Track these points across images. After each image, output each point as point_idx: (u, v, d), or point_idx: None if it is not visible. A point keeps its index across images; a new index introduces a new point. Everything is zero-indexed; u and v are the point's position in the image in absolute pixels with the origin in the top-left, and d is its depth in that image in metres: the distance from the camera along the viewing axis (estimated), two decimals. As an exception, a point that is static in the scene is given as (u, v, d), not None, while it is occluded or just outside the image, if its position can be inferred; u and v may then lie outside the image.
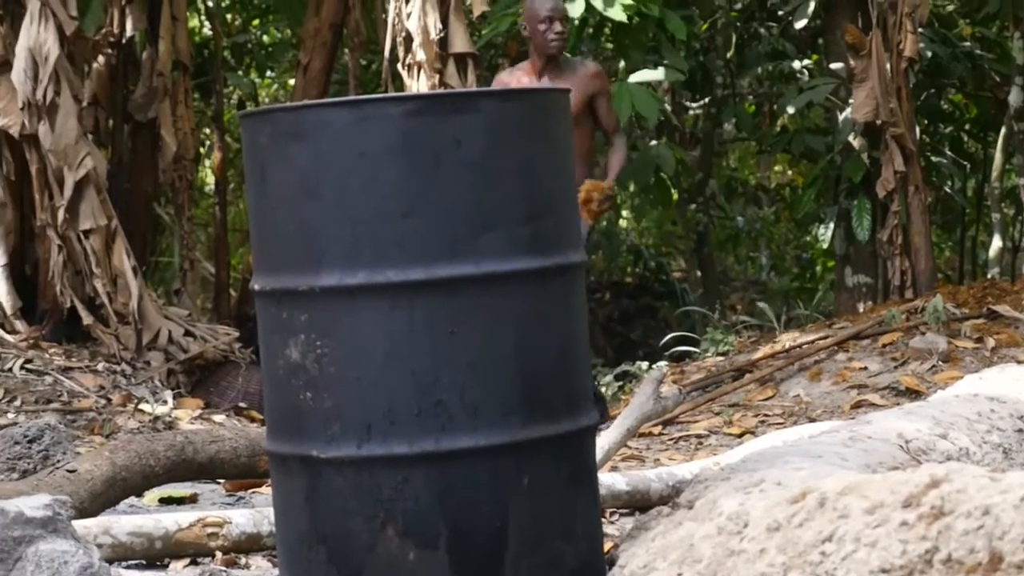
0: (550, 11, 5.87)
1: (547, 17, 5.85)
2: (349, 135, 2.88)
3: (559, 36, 5.87)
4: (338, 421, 2.88)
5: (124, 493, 4.08)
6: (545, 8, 5.87)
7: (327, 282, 2.89)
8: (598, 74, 6.19)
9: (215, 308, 9.81)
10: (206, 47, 11.69)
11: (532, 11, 5.96)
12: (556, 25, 5.84)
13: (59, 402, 6.68)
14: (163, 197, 10.04)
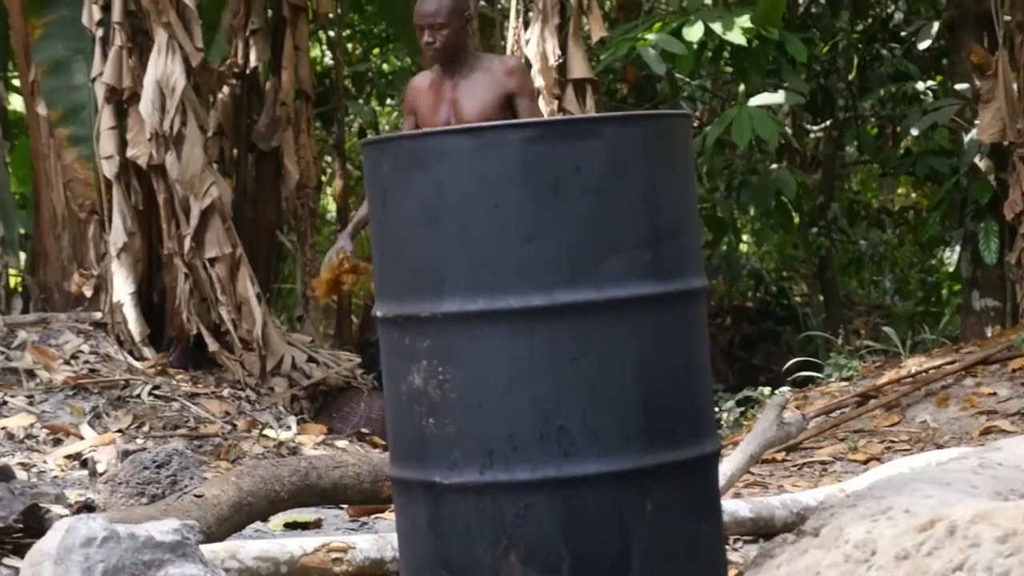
0: (419, 18, 5.14)
1: (417, 25, 5.15)
2: (470, 162, 2.89)
3: (428, 47, 5.14)
4: (460, 447, 2.89)
5: (250, 518, 4.12)
6: (417, 14, 5.16)
7: (448, 308, 2.90)
8: (515, 70, 5.43)
9: (337, 334, 9.90)
10: (328, 76, 11.83)
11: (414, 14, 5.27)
12: (425, 35, 5.12)
13: (186, 428, 6.77)
14: (286, 225, 10.16)
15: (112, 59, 7.61)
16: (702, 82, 11.84)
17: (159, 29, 7.53)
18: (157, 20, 7.54)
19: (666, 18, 9.25)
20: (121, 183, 7.74)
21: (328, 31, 11.54)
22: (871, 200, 14.72)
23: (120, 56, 7.61)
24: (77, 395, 6.85)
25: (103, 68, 7.65)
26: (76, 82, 8.03)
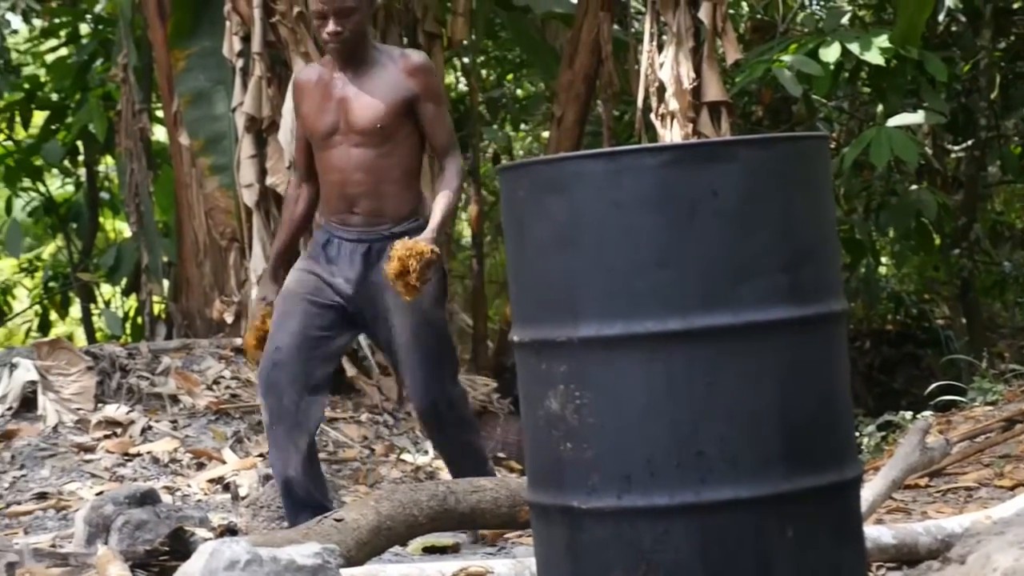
0: (322, 4, 4.48)
1: (317, 12, 4.51)
2: (605, 186, 2.89)
3: (334, 37, 4.48)
4: (598, 472, 2.88)
5: (389, 542, 4.15)
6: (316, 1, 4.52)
7: (585, 333, 2.90)
8: (419, 69, 4.60)
9: (473, 359, 9.94)
10: (462, 102, 11.91)
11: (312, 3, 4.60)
12: (330, 24, 4.46)
13: (325, 452, 6.84)
14: (422, 250, 10.22)
15: (252, 89, 7.74)
16: (839, 103, 11.71)
17: (297, 59, 7.65)
18: (295, 50, 7.65)
19: (802, 39, 9.17)
20: (261, 210, 7.86)
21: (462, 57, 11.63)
22: (1015, 220, 14.43)
23: (259, 86, 7.74)
24: (219, 420, 6.96)
25: (243, 98, 7.78)
26: (217, 112, 8.18)
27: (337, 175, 4.58)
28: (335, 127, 4.54)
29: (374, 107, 4.50)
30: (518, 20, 10.27)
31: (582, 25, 8.99)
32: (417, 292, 4.35)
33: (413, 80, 4.54)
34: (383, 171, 4.58)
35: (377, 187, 4.58)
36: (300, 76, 4.70)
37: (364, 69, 4.54)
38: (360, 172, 4.55)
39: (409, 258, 4.30)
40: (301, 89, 4.62)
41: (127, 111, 8.98)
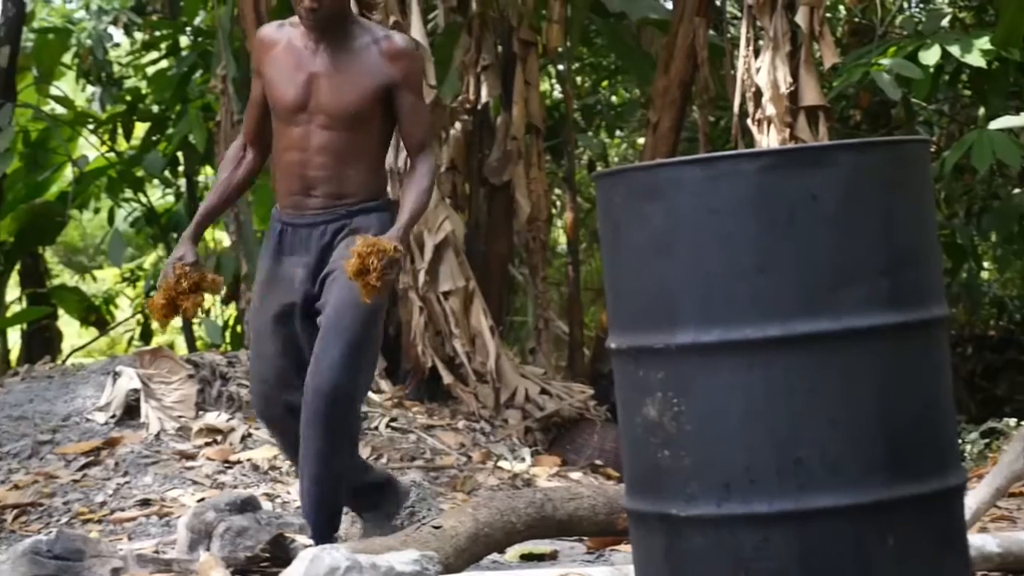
0: None
1: None
2: (703, 192, 2.88)
3: (310, 12, 4.09)
4: (697, 479, 2.87)
5: (487, 549, 4.15)
6: None
7: (683, 340, 2.89)
8: (401, 54, 4.20)
9: (569, 366, 9.93)
10: (557, 109, 11.92)
11: None
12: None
13: (422, 459, 6.87)
14: (517, 258, 10.25)
15: (347, 99, 7.79)
16: (939, 106, 11.57)
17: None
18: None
19: (901, 42, 9.08)
20: (358, 219, 7.91)
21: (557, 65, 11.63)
22: (1120, 224, 14.17)
23: (355, 95, 7.79)
24: (317, 427, 6.99)
25: (340, 107, 7.83)
26: (314, 122, 8.24)
27: (297, 155, 4.22)
28: (302, 103, 4.17)
29: (348, 91, 4.15)
30: (613, 27, 10.26)
31: (678, 31, 8.96)
32: (376, 292, 4.00)
33: (394, 66, 4.17)
34: (348, 156, 4.23)
35: (340, 171, 4.24)
36: (266, 34, 4.25)
37: (342, 46, 4.17)
38: (323, 155, 4.21)
39: (370, 255, 3.96)
40: (266, 49, 4.22)
41: (226, 122, 9.08)
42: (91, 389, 7.32)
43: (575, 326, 10.06)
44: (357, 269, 3.96)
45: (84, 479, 6.32)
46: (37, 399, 7.38)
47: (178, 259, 4.21)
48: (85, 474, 6.39)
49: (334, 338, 4.15)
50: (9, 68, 10.33)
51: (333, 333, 4.14)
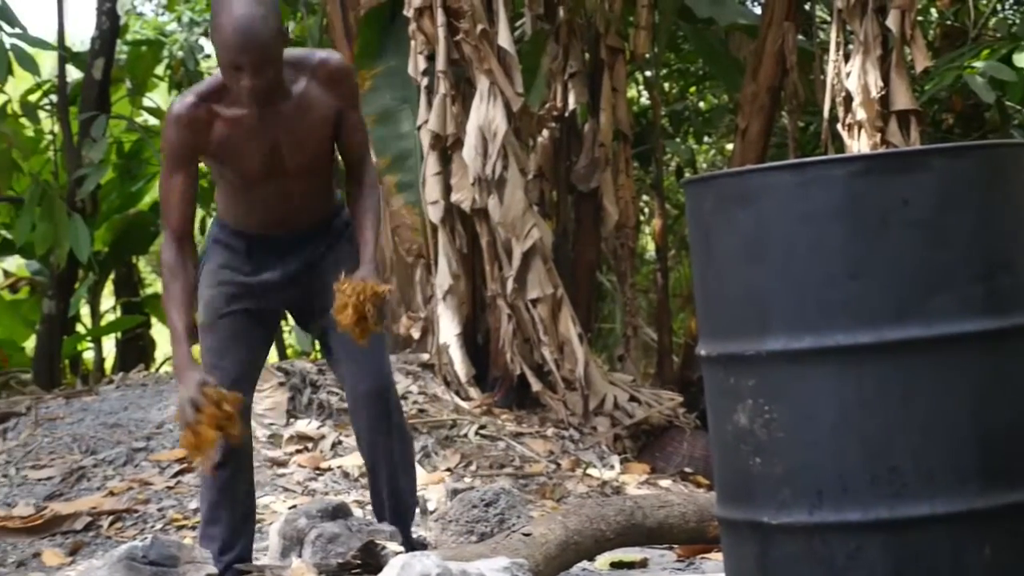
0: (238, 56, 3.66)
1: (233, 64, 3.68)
2: (793, 198, 2.86)
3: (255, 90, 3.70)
4: (788, 487, 2.85)
5: (577, 557, 4.15)
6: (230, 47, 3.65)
7: (773, 347, 2.87)
8: (337, 75, 3.95)
9: (658, 373, 9.89)
10: (644, 116, 11.89)
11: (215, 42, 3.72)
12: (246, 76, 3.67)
13: (511, 467, 6.87)
14: (605, 265, 10.24)
15: (436, 107, 7.83)
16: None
17: (481, 76, 7.71)
18: (479, 67, 7.72)
19: (994, 44, 8.97)
20: (446, 227, 7.94)
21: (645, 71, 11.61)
22: None
23: (444, 104, 7.82)
24: (407, 434, 7.03)
25: (428, 116, 7.87)
26: (403, 130, 8.29)
27: (271, 203, 4.03)
28: (269, 170, 3.94)
29: (309, 141, 3.95)
30: (701, 32, 10.22)
31: (766, 36, 8.91)
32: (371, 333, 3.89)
33: (334, 91, 3.94)
34: (319, 187, 4.10)
35: (314, 202, 4.11)
36: (190, 118, 3.83)
37: (284, 97, 3.88)
38: (294, 199, 4.04)
39: (364, 302, 3.82)
40: (200, 133, 3.83)
41: (315, 131, 9.14)
42: (184, 397, 7.39)
43: (664, 333, 10.03)
44: (354, 319, 3.84)
45: (178, 486, 6.39)
46: (132, 407, 7.48)
47: (202, 383, 3.77)
48: (179, 481, 6.46)
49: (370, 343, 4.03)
50: (103, 80, 10.47)
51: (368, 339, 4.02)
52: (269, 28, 3.64)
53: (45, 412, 7.56)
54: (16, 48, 8.27)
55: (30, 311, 12.43)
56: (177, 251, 3.89)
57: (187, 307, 3.90)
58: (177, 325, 3.84)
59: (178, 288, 3.88)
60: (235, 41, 3.60)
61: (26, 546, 5.73)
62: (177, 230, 3.89)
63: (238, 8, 3.61)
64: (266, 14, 3.64)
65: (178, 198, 3.88)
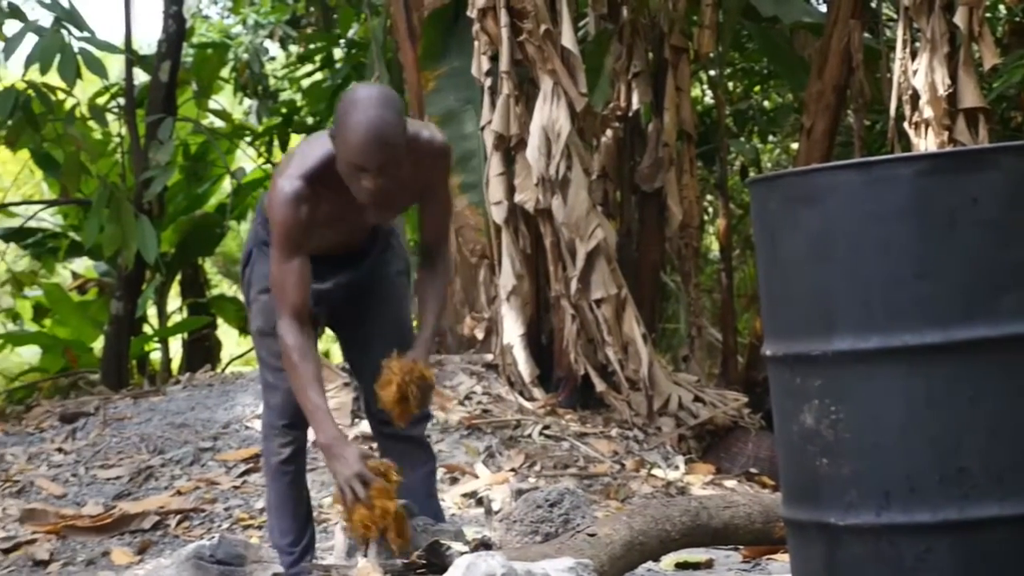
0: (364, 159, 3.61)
1: (358, 166, 3.63)
2: (860, 197, 2.84)
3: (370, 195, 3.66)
4: (856, 488, 2.83)
5: (642, 557, 4.14)
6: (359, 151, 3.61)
7: (840, 347, 2.85)
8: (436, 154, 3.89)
9: (723, 373, 9.86)
10: (708, 115, 11.85)
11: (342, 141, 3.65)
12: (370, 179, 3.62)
13: (576, 467, 6.87)
14: (669, 265, 10.21)
15: (500, 107, 7.84)
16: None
17: (544, 76, 7.72)
18: (543, 67, 7.73)
19: (1063, 41, 8.87)
20: (510, 228, 7.95)
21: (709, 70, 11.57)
22: None
23: (507, 104, 7.83)
24: (471, 435, 7.05)
25: (491, 117, 7.88)
26: (466, 131, 8.31)
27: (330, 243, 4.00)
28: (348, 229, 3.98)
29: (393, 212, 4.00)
30: (766, 31, 10.18)
31: (832, 34, 8.85)
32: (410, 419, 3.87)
33: (429, 168, 3.89)
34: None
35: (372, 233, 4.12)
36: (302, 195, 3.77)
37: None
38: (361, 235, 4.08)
39: (409, 384, 3.79)
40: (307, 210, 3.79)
41: (380, 132, 9.17)
42: (250, 397, 7.45)
43: (728, 333, 10.00)
44: (396, 398, 3.80)
45: (244, 485, 6.44)
46: (198, 407, 7.54)
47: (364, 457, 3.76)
48: (245, 480, 6.51)
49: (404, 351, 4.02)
50: (170, 83, 10.56)
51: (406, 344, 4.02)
52: (399, 135, 3.63)
53: (113, 412, 7.64)
54: (84, 52, 8.35)
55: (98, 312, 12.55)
56: (299, 331, 3.84)
57: (321, 384, 3.85)
58: (318, 403, 3.80)
59: (309, 367, 3.82)
60: (365, 146, 3.58)
61: (95, 545, 5.79)
62: (296, 311, 3.84)
63: (370, 113, 3.59)
64: (397, 120, 3.63)
65: (296, 280, 3.83)
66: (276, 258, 3.84)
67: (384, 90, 3.71)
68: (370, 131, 3.57)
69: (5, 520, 6.17)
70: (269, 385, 4.20)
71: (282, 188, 3.78)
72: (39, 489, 6.57)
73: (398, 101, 3.69)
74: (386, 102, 3.63)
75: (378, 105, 3.61)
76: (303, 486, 4.33)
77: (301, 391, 3.83)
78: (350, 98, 3.65)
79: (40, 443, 7.31)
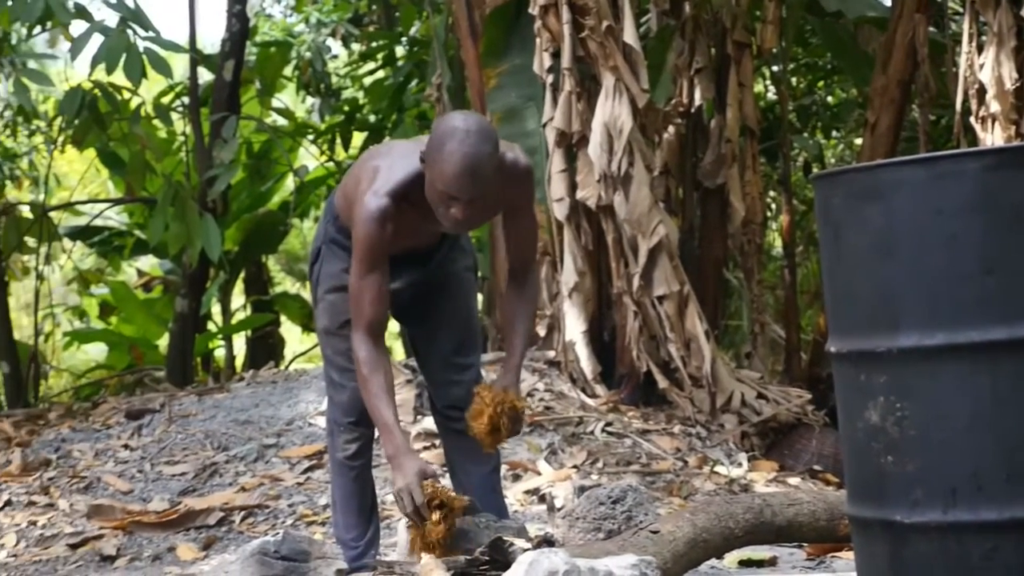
0: (457, 189, 3.63)
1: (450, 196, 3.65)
2: (925, 193, 2.82)
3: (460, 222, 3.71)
4: (921, 485, 2.81)
5: (705, 555, 4.12)
6: (453, 181, 3.62)
7: (905, 343, 2.83)
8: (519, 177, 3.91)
9: (786, 370, 9.81)
10: (771, 111, 11.79)
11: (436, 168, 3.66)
12: (455, 210, 3.67)
13: (638, 464, 6.86)
14: (732, 261, 10.17)
15: (562, 104, 7.84)
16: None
17: (606, 73, 7.71)
18: (604, 64, 7.72)
19: None
20: (571, 224, 7.95)
21: (772, 66, 11.52)
22: None
23: (569, 101, 7.83)
24: (533, 432, 7.05)
25: (553, 113, 7.88)
26: (528, 128, 8.31)
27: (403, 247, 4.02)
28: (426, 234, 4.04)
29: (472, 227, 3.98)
30: (829, 25, 10.10)
31: (896, 28, 8.78)
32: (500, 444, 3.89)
33: (511, 190, 3.90)
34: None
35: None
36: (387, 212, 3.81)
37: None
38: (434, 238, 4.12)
39: (501, 415, 3.83)
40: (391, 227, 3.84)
41: (441, 130, 9.19)
42: (313, 394, 7.49)
43: (792, 330, 9.94)
44: (488, 429, 3.84)
45: (308, 482, 6.47)
46: (262, 404, 7.59)
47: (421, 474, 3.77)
48: (308, 477, 6.54)
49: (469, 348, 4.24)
50: (233, 82, 10.64)
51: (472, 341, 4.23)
52: (492, 167, 3.66)
53: (178, 409, 7.70)
54: (149, 51, 8.42)
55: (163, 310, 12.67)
56: (372, 345, 3.88)
57: (392, 398, 3.88)
58: (387, 416, 3.84)
59: (380, 380, 3.87)
60: (459, 179, 3.60)
61: (161, 540, 5.84)
62: (371, 326, 3.89)
63: (471, 144, 3.61)
64: (492, 153, 3.66)
65: (374, 295, 3.87)
66: (356, 272, 3.88)
67: (481, 121, 3.72)
68: (466, 165, 3.59)
69: (73, 516, 6.24)
70: (334, 383, 4.23)
71: (368, 205, 3.81)
72: (106, 485, 6.64)
73: (494, 133, 3.72)
74: (483, 135, 3.64)
75: (475, 137, 3.62)
76: (368, 481, 4.36)
77: (371, 404, 3.88)
78: (448, 126, 3.66)
79: (107, 439, 7.38)
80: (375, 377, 3.86)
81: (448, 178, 3.61)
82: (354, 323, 3.92)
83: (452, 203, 3.66)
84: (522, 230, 4.04)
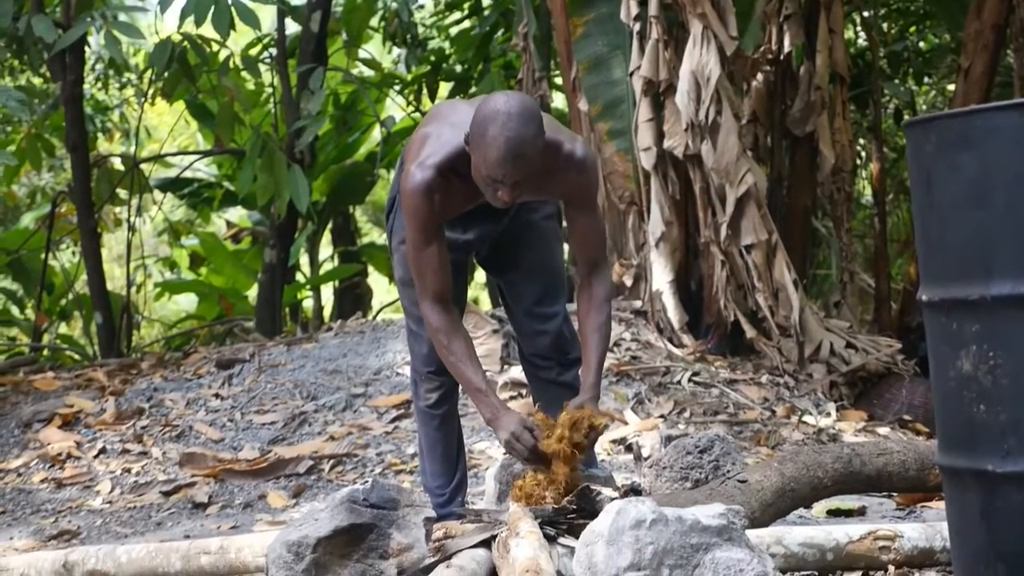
0: (501, 174, 3.60)
1: (494, 179, 3.62)
2: (1020, 139, 2.77)
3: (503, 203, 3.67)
4: (1014, 435, 2.77)
5: (793, 504, 4.11)
6: (496, 165, 3.59)
7: (999, 291, 2.79)
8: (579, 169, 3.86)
9: (875, 320, 9.73)
10: (861, 57, 11.63)
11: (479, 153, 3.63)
12: (503, 192, 3.64)
13: (725, 414, 6.84)
14: (820, 210, 10.08)
15: (649, 53, 7.79)
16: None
17: (694, 20, 7.64)
18: (692, 11, 7.65)
19: None
20: (659, 174, 7.92)
21: (863, 11, 11.36)
22: None
23: (656, 49, 7.78)
24: (620, 381, 7.05)
25: (640, 62, 7.84)
26: (614, 77, 8.27)
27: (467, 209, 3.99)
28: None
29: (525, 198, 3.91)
30: (920, -30, 9.95)
31: (990, -29, 8.62)
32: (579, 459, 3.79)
33: (570, 183, 3.87)
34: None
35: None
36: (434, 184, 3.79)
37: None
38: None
39: (584, 438, 3.76)
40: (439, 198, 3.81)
41: (527, 79, 9.19)
42: (400, 344, 7.54)
43: (881, 279, 9.84)
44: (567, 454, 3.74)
45: (395, 431, 6.52)
46: (350, 354, 7.64)
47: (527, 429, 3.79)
48: (396, 426, 6.59)
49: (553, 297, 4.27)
50: (320, 33, 10.66)
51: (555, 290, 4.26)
52: (537, 150, 3.62)
53: (267, 359, 7.78)
54: (237, 3, 8.46)
55: (252, 261, 12.79)
56: (443, 313, 3.89)
57: (476, 360, 3.90)
58: (474, 378, 3.86)
59: (461, 345, 3.89)
60: (502, 162, 3.58)
61: (252, 488, 5.92)
62: (439, 296, 3.89)
63: (513, 128, 3.57)
64: (535, 134, 3.61)
65: (436, 266, 3.86)
66: (413, 243, 3.88)
67: (524, 101, 3.67)
68: (509, 148, 3.57)
69: (165, 464, 6.34)
70: (413, 332, 4.26)
71: (413, 177, 3.80)
72: (198, 434, 6.73)
73: (537, 113, 3.68)
74: (525, 116, 3.60)
75: (517, 121, 3.58)
76: (454, 429, 4.38)
77: (457, 369, 3.90)
78: (491, 109, 3.62)
79: (198, 389, 7.48)
80: (455, 344, 3.88)
81: (491, 163, 3.59)
82: (420, 294, 3.93)
83: (497, 186, 3.64)
84: (585, 227, 3.97)
